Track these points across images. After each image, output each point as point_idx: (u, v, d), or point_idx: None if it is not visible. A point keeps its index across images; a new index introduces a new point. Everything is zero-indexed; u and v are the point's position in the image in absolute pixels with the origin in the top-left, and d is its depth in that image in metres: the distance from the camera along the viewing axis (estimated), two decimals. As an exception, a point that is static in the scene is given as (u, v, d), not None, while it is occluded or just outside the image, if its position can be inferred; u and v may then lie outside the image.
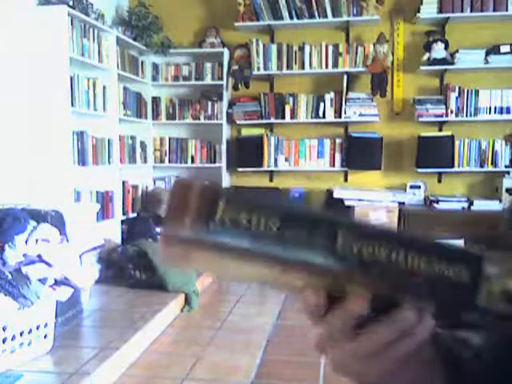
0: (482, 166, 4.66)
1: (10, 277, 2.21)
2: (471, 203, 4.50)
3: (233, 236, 0.37)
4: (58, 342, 2.52)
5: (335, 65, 4.77)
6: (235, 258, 0.38)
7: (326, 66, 4.79)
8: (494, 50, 4.50)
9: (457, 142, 4.65)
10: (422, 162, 4.67)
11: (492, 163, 4.64)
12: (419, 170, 4.71)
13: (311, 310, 0.42)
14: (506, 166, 4.62)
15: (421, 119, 4.66)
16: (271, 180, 5.12)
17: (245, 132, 5.02)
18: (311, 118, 4.86)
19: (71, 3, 3.76)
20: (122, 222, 4.45)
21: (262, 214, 0.37)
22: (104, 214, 4.18)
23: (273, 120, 4.91)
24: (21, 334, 2.30)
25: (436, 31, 4.68)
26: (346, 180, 4.99)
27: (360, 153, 4.72)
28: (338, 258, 0.38)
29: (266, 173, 5.07)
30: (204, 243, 0.37)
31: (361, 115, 4.77)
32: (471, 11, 4.48)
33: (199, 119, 5.07)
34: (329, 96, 4.81)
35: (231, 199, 0.37)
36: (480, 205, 4.47)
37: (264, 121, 4.92)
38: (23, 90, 3.54)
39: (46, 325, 2.43)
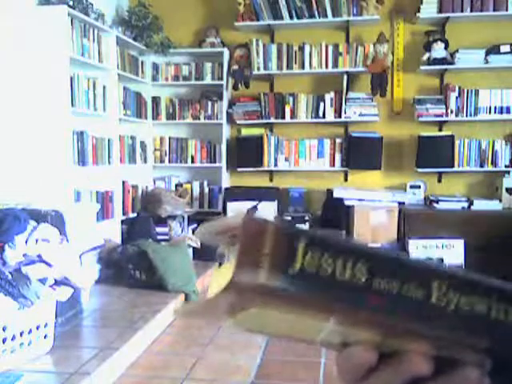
0: (481, 166, 4.66)
1: (10, 277, 2.21)
2: (471, 203, 4.50)
3: (314, 285, 0.33)
4: (58, 342, 2.52)
5: (335, 65, 4.77)
6: (314, 309, 0.34)
7: (326, 66, 4.79)
8: (493, 49, 4.49)
9: (457, 142, 4.64)
10: (422, 162, 4.66)
11: (492, 163, 4.64)
12: (419, 170, 4.71)
13: (356, 368, 0.36)
14: (506, 166, 4.62)
15: (421, 119, 4.66)
16: (271, 180, 5.12)
17: (245, 132, 5.02)
18: (311, 117, 4.86)
19: (71, 3, 3.76)
20: (122, 222, 4.45)
21: (347, 261, 0.33)
22: (104, 213, 4.18)
23: (273, 120, 4.91)
24: (21, 334, 2.30)
25: (436, 31, 4.68)
26: (346, 180, 4.99)
27: (360, 153, 4.72)
28: (430, 312, 0.34)
29: (265, 173, 5.07)
30: (280, 291, 0.32)
31: (361, 115, 4.77)
32: (471, 11, 4.48)
33: (199, 119, 5.07)
34: (329, 96, 4.81)
35: (311, 242, 0.33)
36: (480, 205, 4.47)
37: (264, 121, 4.92)
38: (23, 89, 3.54)
39: (46, 325, 2.43)
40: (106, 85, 4.22)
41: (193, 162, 5.10)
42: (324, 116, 4.82)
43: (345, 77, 4.74)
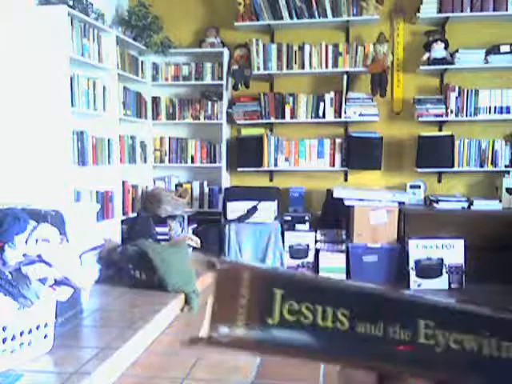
0: (481, 166, 4.66)
1: (10, 277, 2.21)
2: (471, 203, 4.50)
3: (294, 334, 0.31)
4: (58, 341, 2.51)
5: (335, 65, 4.77)
6: (297, 358, 0.32)
7: (326, 66, 4.79)
8: (493, 49, 4.49)
9: (457, 142, 4.64)
10: (422, 162, 4.66)
11: (492, 163, 4.64)
12: (419, 170, 4.71)
13: None
14: (505, 166, 4.62)
15: (421, 119, 4.66)
16: (271, 180, 5.12)
17: (245, 132, 5.02)
18: (311, 117, 4.86)
19: (71, 3, 3.76)
20: (122, 221, 4.45)
21: (328, 306, 0.32)
22: (104, 214, 4.18)
23: (273, 120, 4.91)
24: (21, 334, 2.30)
25: (436, 31, 4.68)
26: (345, 180, 4.99)
27: (360, 153, 4.72)
28: (418, 350, 0.33)
29: (265, 173, 5.07)
30: (259, 344, 0.31)
31: (361, 115, 4.77)
32: (471, 11, 4.48)
33: (199, 119, 5.07)
34: (329, 96, 4.81)
35: (289, 287, 0.32)
36: (480, 205, 4.47)
37: (264, 121, 4.92)
38: (23, 89, 3.54)
39: (46, 325, 2.43)
40: (106, 85, 4.22)
41: (193, 161, 5.10)
42: (324, 116, 4.82)
43: (345, 77, 4.74)
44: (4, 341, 2.22)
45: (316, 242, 4.59)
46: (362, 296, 0.33)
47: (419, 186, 4.75)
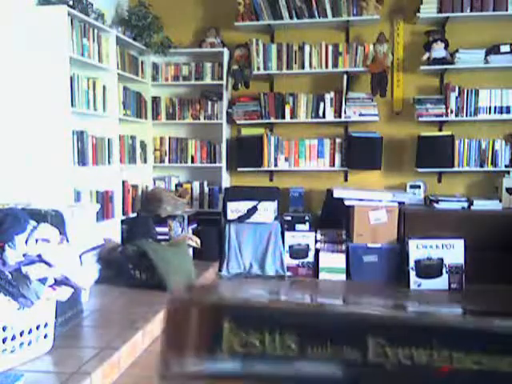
0: (481, 166, 4.66)
1: (10, 277, 2.21)
2: (471, 203, 4.50)
3: (246, 362, 0.32)
4: (58, 342, 2.51)
5: (335, 65, 4.77)
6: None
7: (326, 66, 4.78)
8: (493, 49, 4.49)
9: (457, 142, 4.64)
10: (422, 162, 4.67)
11: (492, 163, 4.64)
12: (419, 170, 4.71)
13: None
14: (506, 166, 4.62)
15: (421, 119, 4.66)
16: (271, 180, 5.12)
17: (245, 132, 5.02)
18: (311, 117, 4.86)
19: (71, 3, 3.76)
20: (122, 221, 4.45)
21: (275, 332, 0.32)
22: (104, 214, 4.18)
23: (273, 120, 4.91)
24: (21, 334, 2.30)
25: (436, 31, 4.68)
26: (346, 180, 4.99)
27: (360, 153, 4.72)
28: (369, 368, 0.33)
29: (266, 173, 5.07)
30: (213, 375, 0.32)
31: (361, 115, 4.77)
32: (471, 11, 4.48)
33: (199, 119, 5.07)
34: (329, 96, 4.81)
35: (236, 318, 0.32)
36: (480, 205, 4.47)
37: (264, 121, 4.92)
38: (23, 90, 3.54)
39: (46, 325, 2.43)
40: (106, 85, 4.22)
41: (193, 162, 5.10)
42: (324, 116, 4.82)
43: (345, 77, 4.74)
44: (4, 341, 2.22)
45: (316, 241, 4.59)
46: (309, 320, 0.33)
47: (419, 186, 4.75)
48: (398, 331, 0.33)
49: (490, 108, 4.58)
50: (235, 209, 4.57)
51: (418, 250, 4.22)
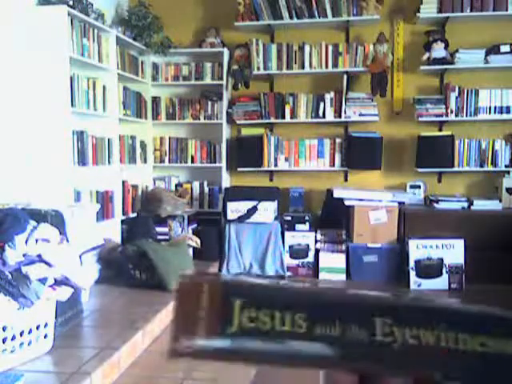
0: (481, 166, 4.66)
1: (10, 277, 2.21)
2: (471, 203, 4.50)
3: (255, 340, 0.32)
4: (58, 342, 2.52)
5: (335, 65, 4.77)
6: (259, 363, 0.34)
7: (326, 66, 4.79)
8: (493, 49, 4.49)
9: (457, 142, 4.64)
10: (422, 162, 4.67)
11: (492, 163, 4.64)
12: (419, 170, 4.71)
13: None
14: (506, 166, 4.62)
15: (421, 119, 4.66)
16: (271, 180, 5.12)
17: (245, 132, 5.02)
18: (311, 117, 4.86)
19: (71, 3, 3.76)
20: (122, 221, 4.45)
21: (285, 311, 0.32)
22: (104, 214, 4.18)
23: (273, 120, 4.91)
24: (21, 334, 2.30)
25: (436, 31, 4.68)
26: (346, 180, 4.99)
27: (360, 153, 4.72)
28: (376, 347, 0.33)
29: (266, 173, 5.08)
30: (222, 353, 0.32)
31: (361, 115, 4.77)
32: (471, 11, 4.48)
33: (199, 119, 5.07)
34: (329, 96, 4.81)
35: (248, 296, 0.33)
36: (480, 205, 4.47)
37: (264, 121, 4.92)
38: (23, 90, 3.54)
39: (46, 325, 2.43)
40: (106, 85, 4.22)
41: (193, 161, 5.10)
42: (324, 116, 4.82)
43: (345, 77, 4.74)
44: (4, 341, 2.22)
45: (316, 241, 4.59)
46: (319, 299, 0.34)
47: (419, 186, 4.75)
48: (406, 312, 0.34)
49: (489, 108, 4.58)
50: (235, 209, 4.57)
51: (418, 249, 4.22)
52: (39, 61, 3.54)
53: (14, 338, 2.26)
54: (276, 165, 4.94)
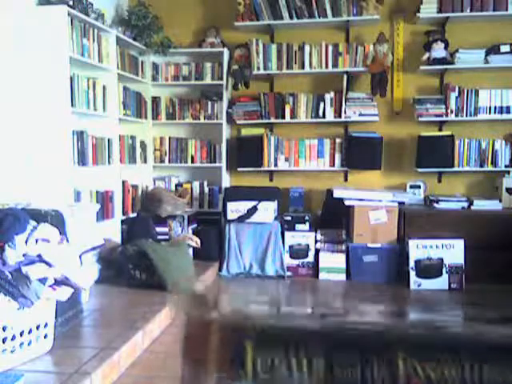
0: (481, 166, 4.66)
1: (10, 277, 2.21)
2: (471, 203, 4.50)
3: None
4: (58, 341, 2.52)
5: (335, 65, 4.77)
6: None
7: (326, 66, 4.79)
8: (493, 49, 4.49)
9: (457, 142, 4.65)
10: (422, 162, 4.67)
11: (492, 163, 4.64)
12: (419, 170, 4.71)
13: None
14: (506, 166, 4.62)
15: (421, 119, 4.66)
16: (271, 180, 5.12)
17: (245, 132, 5.02)
18: (311, 117, 4.86)
19: (71, 3, 3.75)
20: (122, 221, 4.45)
21: (301, 354, 0.29)
22: (104, 213, 4.18)
23: (273, 120, 4.91)
24: (21, 334, 2.30)
25: (436, 31, 4.68)
26: (346, 180, 4.99)
27: (360, 153, 4.72)
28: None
29: (266, 173, 5.08)
30: None
31: (361, 115, 4.77)
32: (471, 11, 4.48)
33: (199, 119, 5.07)
34: (329, 96, 4.81)
35: (260, 337, 0.29)
36: (480, 204, 4.47)
37: (264, 121, 4.92)
38: (23, 90, 3.54)
39: (46, 325, 2.43)
40: (106, 85, 4.22)
41: (193, 161, 5.10)
42: (324, 116, 4.82)
43: (345, 77, 4.74)
44: (4, 341, 2.22)
45: (316, 241, 4.59)
46: (334, 339, 0.31)
47: (419, 186, 4.75)
48: (426, 349, 0.32)
49: (489, 108, 4.58)
50: (235, 209, 4.57)
51: (418, 250, 4.22)
52: (39, 61, 3.54)
53: (14, 338, 2.26)
54: (276, 165, 4.94)
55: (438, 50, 4.56)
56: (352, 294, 4.10)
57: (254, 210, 4.55)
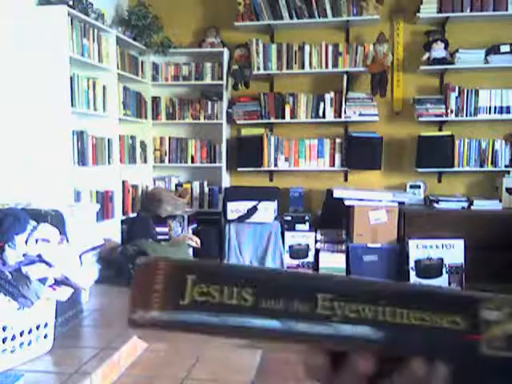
0: (481, 166, 4.66)
1: (10, 277, 2.21)
2: (471, 203, 4.50)
3: (206, 313, 0.35)
4: (58, 341, 2.52)
5: (335, 65, 4.77)
6: (211, 335, 0.37)
7: (326, 66, 4.78)
8: (493, 49, 4.49)
9: (457, 142, 4.64)
10: (422, 162, 4.67)
11: (492, 163, 4.64)
12: (419, 170, 4.71)
13: (314, 371, 0.39)
14: (506, 166, 4.62)
15: (421, 119, 4.66)
16: (271, 180, 5.12)
17: (245, 132, 5.02)
18: (311, 117, 4.86)
19: (71, 3, 3.76)
20: (122, 221, 4.45)
21: (233, 288, 0.35)
22: (104, 214, 4.18)
23: (273, 120, 4.91)
24: (21, 334, 2.30)
25: (436, 31, 4.68)
26: (345, 180, 4.99)
27: (360, 153, 4.72)
28: (318, 323, 0.36)
29: (266, 173, 5.07)
30: (175, 324, 0.35)
31: (361, 115, 4.77)
32: (471, 11, 4.48)
33: (199, 119, 5.07)
34: (329, 96, 4.80)
35: (200, 273, 0.36)
36: (480, 204, 4.47)
37: (264, 121, 4.92)
38: (23, 90, 3.54)
39: (46, 325, 2.43)
40: (106, 85, 4.22)
41: (193, 161, 5.10)
42: (324, 116, 4.82)
43: (345, 77, 4.74)
44: (4, 341, 2.22)
45: (316, 241, 4.59)
46: (264, 277, 0.37)
47: (419, 186, 4.75)
48: (347, 290, 0.36)
49: (489, 108, 4.58)
50: (235, 209, 4.57)
51: (418, 249, 4.22)
52: (39, 61, 3.54)
53: (14, 338, 2.26)
54: (276, 165, 4.94)
55: (438, 50, 4.56)
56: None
57: (253, 209, 4.55)
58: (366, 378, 0.38)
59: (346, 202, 4.45)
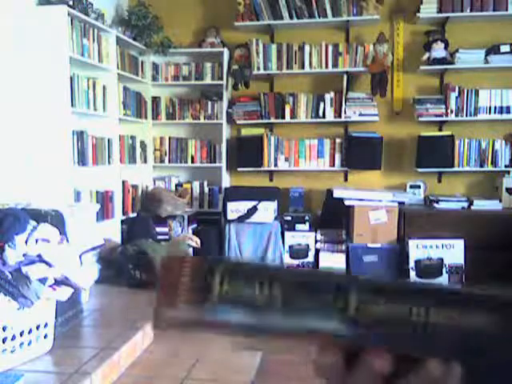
0: (481, 166, 4.66)
1: (10, 277, 2.21)
2: (471, 203, 4.50)
3: (234, 311, 0.34)
4: (58, 341, 2.52)
5: (335, 65, 4.77)
6: (239, 334, 0.35)
7: (326, 66, 4.78)
8: (493, 49, 4.49)
9: (457, 142, 4.64)
10: (422, 162, 4.67)
11: (492, 163, 4.64)
12: (419, 170, 4.71)
13: (324, 370, 0.39)
14: (505, 166, 4.62)
15: (421, 119, 4.66)
16: (271, 180, 5.12)
17: (245, 132, 5.02)
18: (311, 117, 4.86)
19: (71, 3, 3.76)
20: (122, 221, 4.45)
21: (263, 284, 0.35)
22: (104, 214, 4.18)
23: (273, 120, 4.91)
24: (21, 334, 2.30)
25: (436, 31, 4.68)
26: (345, 180, 4.99)
27: (360, 153, 4.72)
28: (351, 322, 0.35)
29: (266, 173, 5.07)
30: (203, 322, 0.35)
31: (361, 115, 4.77)
32: (471, 11, 4.48)
33: (199, 119, 5.06)
34: (329, 96, 4.80)
35: (227, 270, 0.35)
36: (480, 204, 4.47)
37: (264, 121, 4.92)
38: (23, 89, 3.54)
39: (46, 325, 2.43)
40: (106, 85, 4.22)
41: (193, 161, 5.10)
42: (324, 116, 4.82)
43: (345, 77, 4.74)
44: (4, 341, 2.22)
45: (316, 241, 4.59)
46: (295, 273, 0.36)
47: (419, 186, 4.75)
48: (378, 289, 0.36)
49: (489, 108, 4.58)
50: (235, 209, 4.57)
51: (418, 249, 4.22)
52: (39, 61, 3.54)
53: (14, 338, 2.26)
54: (276, 165, 4.94)
55: (438, 50, 4.56)
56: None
57: (253, 210, 4.55)
58: (382, 378, 0.37)
59: (346, 202, 4.45)
